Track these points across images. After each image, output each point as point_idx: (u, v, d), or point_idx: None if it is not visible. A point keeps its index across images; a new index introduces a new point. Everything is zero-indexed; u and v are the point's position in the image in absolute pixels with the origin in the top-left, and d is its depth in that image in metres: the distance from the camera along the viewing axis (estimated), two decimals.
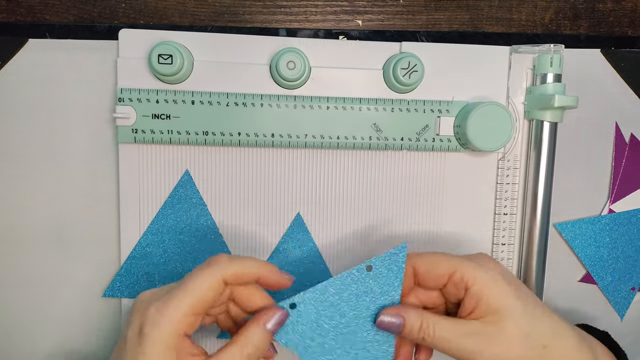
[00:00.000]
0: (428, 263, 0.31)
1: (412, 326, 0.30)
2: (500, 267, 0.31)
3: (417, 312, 0.30)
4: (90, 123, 0.37)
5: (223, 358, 0.27)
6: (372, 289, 0.30)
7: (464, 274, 0.30)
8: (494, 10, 0.40)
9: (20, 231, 0.38)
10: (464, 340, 0.29)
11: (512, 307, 0.29)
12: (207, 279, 0.27)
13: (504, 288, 0.30)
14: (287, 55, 0.35)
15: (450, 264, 0.30)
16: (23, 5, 0.37)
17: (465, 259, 0.31)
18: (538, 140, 0.38)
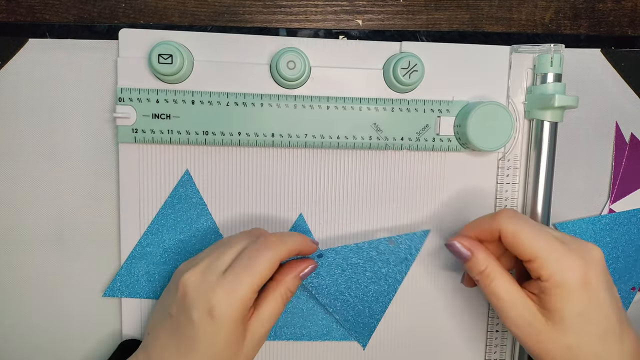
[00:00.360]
0: (514, 237, 0.30)
1: (475, 265, 0.31)
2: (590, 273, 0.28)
3: (486, 257, 0.31)
4: (90, 123, 0.37)
5: (266, 303, 0.31)
6: (387, 260, 0.37)
7: (542, 267, 0.29)
8: (494, 10, 0.40)
9: (20, 231, 0.38)
10: (512, 309, 0.30)
11: (569, 320, 0.28)
12: (269, 262, 0.30)
13: (574, 299, 0.28)
14: (287, 55, 0.35)
15: (534, 250, 0.29)
16: (23, 5, 0.37)
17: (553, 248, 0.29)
18: (538, 140, 0.38)
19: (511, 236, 0.30)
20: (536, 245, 0.29)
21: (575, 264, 0.28)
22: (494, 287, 0.30)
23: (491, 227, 0.31)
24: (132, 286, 0.38)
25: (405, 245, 0.36)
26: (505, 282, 0.30)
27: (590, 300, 0.28)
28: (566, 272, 0.28)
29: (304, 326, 0.39)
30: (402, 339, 0.40)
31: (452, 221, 0.40)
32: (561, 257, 0.29)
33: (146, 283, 0.38)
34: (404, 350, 0.40)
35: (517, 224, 0.30)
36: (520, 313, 0.29)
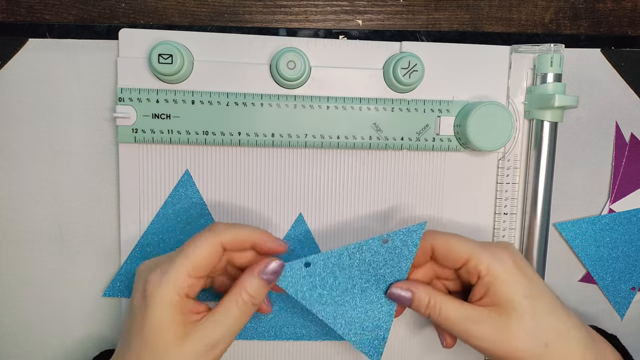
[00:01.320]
0: (445, 245, 0.32)
1: (420, 301, 0.31)
2: (518, 262, 0.31)
3: (426, 290, 0.32)
4: (90, 123, 0.37)
5: (221, 309, 0.29)
6: (384, 260, 0.32)
7: (478, 263, 0.31)
8: (494, 10, 0.40)
9: (20, 231, 0.38)
10: (467, 324, 0.30)
11: (519, 303, 0.30)
12: (205, 244, 0.29)
13: (515, 283, 0.30)
14: (287, 55, 0.35)
15: (467, 251, 0.31)
16: (23, 5, 0.37)
17: (483, 247, 0.31)
18: (538, 140, 0.38)
19: (444, 245, 0.32)
20: (468, 246, 0.31)
21: (504, 254, 0.31)
22: (445, 312, 0.31)
23: (423, 247, 0.32)
24: (131, 286, 0.38)
25: (401, 241, 0.32)
26: (451, 303, 0.31)
27: (529, 282, 0.31)
28: (499, 261, 0.31)
29: (303, 326, 0.39)
30: (402, 338, 0.40)
31: (452, 221, 0.40)
32: (491, 250, 0.31)
33: None
34: (404, 349, 0.40)
35: (445, 235, 0.32)
36: (479, 323, 0.30)
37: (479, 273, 0.31)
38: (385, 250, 0.32)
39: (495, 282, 0.30)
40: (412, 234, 0.32)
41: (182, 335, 0.28)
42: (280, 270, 0.30)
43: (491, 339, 0.30)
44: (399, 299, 0.32)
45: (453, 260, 0.32)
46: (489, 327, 0.30)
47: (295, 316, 0.39)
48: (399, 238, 0.32)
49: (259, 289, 0.30)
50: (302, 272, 0.31)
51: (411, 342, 0.40)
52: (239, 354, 0.39)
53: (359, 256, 0.32)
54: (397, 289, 0.32)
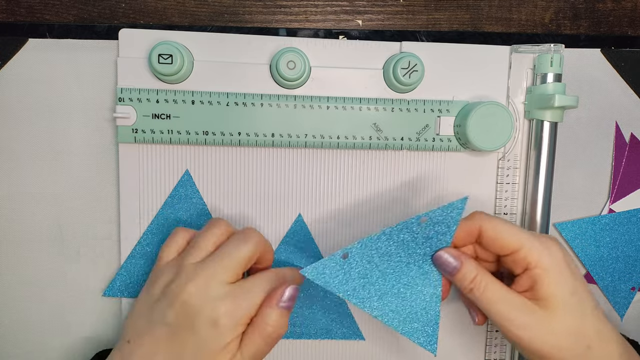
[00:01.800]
0: (495, 231, 0.30)
1: (466, 274, 0.30)
2: (566, 256, 0.30)
3: (476, 264, 0.31)
4: (90, 123, 0.37)
5: (247, 344, 0.29)
6: (423, 239, 0.31)
7: (528, 254, 0.30)
8: (493, 10, 0.40)
9: (20, 231, 0.38)
10: (511, 310, 0.29)
11: (566, 301, 0.29)
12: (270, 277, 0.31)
13: (564, 280, 0.29)
14: (287, 55, 0.35)
15: (518, 241, 0.30)
16: (23, 5, 0.37)
17: (534, 236, 0.30)
18: (538, 140, 0.38)
19: (492, 231, 0.30)
20: (518, 235, 0.30)
21: (555, 248, 0.30)
22: (489, 292, 0.30)
23: (470, 228, 0.31)
24: (131, 286, 0.38)
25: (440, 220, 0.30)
26: (497, 285, 0.30)
27: (575, 279, 0.30)
28: (551, 254, 0.30)
29: (303, 325, 0.39)
30: (403, 338, 0.40)
31: None
32: (542, 241, 0.30)
33: None
34: (404, 349, 0.40)
35: (495, 220, 0.31)
36: (522, 311, 0.29)
37: (527, 264, 0.30)
38: (424, 229, 0.31)
39: (544, 275, 0.29)
40: (452, 211, 0.30)
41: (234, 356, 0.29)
42: (296, 293, 0.31)
43: (531, 330, 0.29)
44: (445, 264, 0.31)
45: (500, 247, 0.30)
46: (531, 318, 0.29)
47: (295, 316, 0.39)
48: (438, 215, 0.30)
49: (281, 316, 0.30)
50: (341, 265, 0.30)
51: None
52: None
53: (396, 239, 0.31)
54: (446, 254, 0.31)
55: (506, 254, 0.30)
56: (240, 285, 0.30)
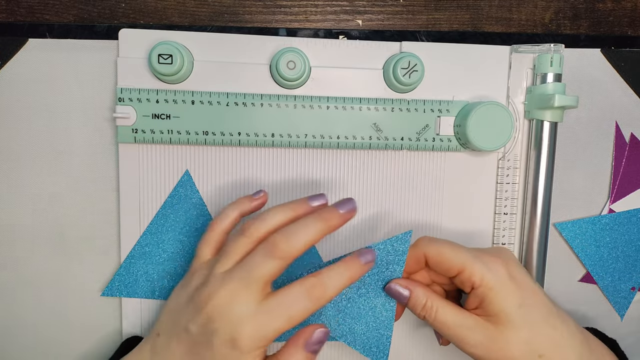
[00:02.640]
0: (438, 255, 0.32)
1: (417, 301, 0.32)
2: (510, 269, 0.31)
3: (425, 291, 0.32)
4: (90, 123, 0.37)
5: None
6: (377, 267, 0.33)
7: (471, 274, 0.31)
8: (494, 10, 0.40)
9: (20, 231, 0.38)
10: (463, 330, 0.31)
11: (513, 314, 0.30)
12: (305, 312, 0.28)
13: (508, 294, 0.30)
14: (287, 55, 0.35)
15: (460, 261, 0.31)
16: (23, 5, 0.37)
17: (476, 257, 0.31)
18: (538, 140, 0.38)
19: (436, 255, 0.32)
20: (461, 257, 0.31)
21: (498, 263, 0.31)
22: (440, 316, 0.31)
23: (416, 254, 0.33)
24: (130, 286, 0.38)
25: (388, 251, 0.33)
26: (448, 308, 0.31)
27: (523, 291, 0.31)
28: (493, 272, 0.31)
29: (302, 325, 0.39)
30: (402, 338, 0.40)
31: (452, 221, 0.40)
32: (484, 261, 0.31)
33: (145, 283, 0.38)
34: (404, 349, 0.40)
35: (438, 245, 0.32)
36: (473, 330, 0.30)
37: (472, 284, 0.31)
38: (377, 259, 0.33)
39: (489, 293, 0.30)
40: (400, 242, 0.33)
41: None
42: (326, 338, 0.29)
43: (485, 347, 0.30)
44: (396, 295, 0.32)
45: (446, 270, 0.32)
46: (483, 336, 0.30)
47: None
48: (386, 247, 0.33)
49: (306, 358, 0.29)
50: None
51: (413, 339, 0.40)
52: None
53: None
54: (396, 285, 0.32)
55: (453, 275, 0.32)
56: (265, 304, 0.28)
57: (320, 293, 0.28)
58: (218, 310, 0.28)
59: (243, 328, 0.27)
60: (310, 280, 0.28)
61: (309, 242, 0.29)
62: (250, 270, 0.28)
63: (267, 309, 0.28)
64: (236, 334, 0.27)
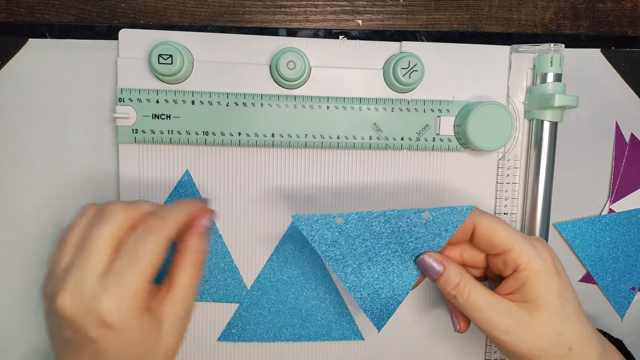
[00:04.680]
0: (488, 229, 0.30)
1: (449, 279, 0.30)
2: (555, 260, 0.31)
3: (459, 270, 0.31)
4: (90, 123, 0.37)
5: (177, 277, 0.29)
6: (419, 233, 0.31)
7: (519, 255, 0.30)
8: (493, 10, 0.40)
9: (21, 231, 0.38)
10: (494, 315, 0.29)
11: (552, 304, 0.29)
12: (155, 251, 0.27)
13: (552, 282, 0.30)
14: (287, 55, 0.35)
15: (510, 241, 0.30)
16: (23, 5, 0.37)
17: (525, 238, 0.30)
18: (538, 139, 0.38)
19: (486, 229, 0.30)
20: (511, 235, 0.30)
21: (546, 252, 0.30)
22: (473, 297, 0.30)
23: (464, 224, 0.31)
24: None
25: (441, 220, 0.30)
26: (481, 290, 0.30)
27: (562, 284, 0.30)
28: (541, 257, 0.30)
29: (302, 326, 0.39)
30: (402, 338, 0.40)
31: None
32: (533, 244, 0.30)
33: None
34: (404, 349, 0.40)
35: (489, 218, 0.31)
36: (506, 315, 0.30)
37: (517, 266, 0.30)
38: (424, 225, 0.31)
39: (533, 277, 0.29)
40: (456, 215, 0.30)
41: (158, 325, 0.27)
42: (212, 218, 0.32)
43: (516, 334, 0.29)
44: (428, 268, 0.31)
45: (493, 246, 0.30)
46: (515, 322, 0.29)
47: (294, 317, 0.39)
48: (442, 215, 0.30)
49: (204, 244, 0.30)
50: (333, 227, 0.30)
51: (417, 326, 0.40)
52: (239, 356, 0.39)
53: (394, 224, 0.31)
54: (430, 258, 0.31)
55: (497, 254, 0.31)
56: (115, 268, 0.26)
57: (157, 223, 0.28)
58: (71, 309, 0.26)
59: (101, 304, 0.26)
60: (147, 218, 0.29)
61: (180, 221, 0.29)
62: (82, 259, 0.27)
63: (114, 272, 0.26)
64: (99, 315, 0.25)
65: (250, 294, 0.39)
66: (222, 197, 0.38)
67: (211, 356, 0.39)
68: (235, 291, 0.39)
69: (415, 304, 0.40)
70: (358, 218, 0.30)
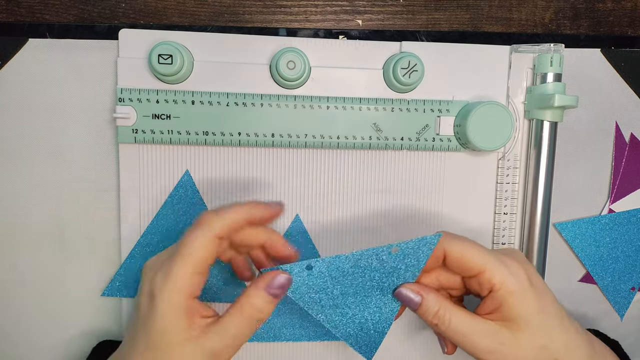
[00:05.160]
0: (459, 253, 0.30)
1: (429, 309, 0.30)
2: (529, 273, 0.30)
3: (437, 298, 0.30)
4: (90, 123, 0.37)
5: (226, 319, 0.28)
6: (391, 268, 0.31)
7: (493, 276, 0.29)
8: (494, 10, 0.40)
9: (20, 231, 0.38)
10: (477, 338, 0.30)
11: (532, 320, 0.29)
12: (203, 239, 0.29)
13: (529, 300, 0.29)
14: (287, 55, 0.35)
15: (482, 262, 0.30)
16: (23, 5, 0.37)
17: (497, 258, 0.30)
18: (538, 139, 0.38)
19: (457, 253, 0.30)
20: (483, 256, 0.30)
21: (519, 268, 0.30)
22: (454, 324, 0.30)
23: (435, 251, 0.31)
24: (130, 286, 0.38)
25: (412, 253, 0.30)
26: (462, 315, 0.30)
27: (541, 297, 0.30)
28: (514, 275, 0.30)
29: (302, 327, 0.39)
30: (402, 340, 0.40)
31: (452, 221, 0.40)
32: (506, 264, 0.30)
33: None
34: (404, 349, 0.40)
35: (460, 242, 0.31)
36: (488, 337, 0.29)
37: (492, 286, 0.30)
38: (394, 259, 0.31)
39: (509, 297, 0.29)
40: (426, 245, 0.30)
41: (186, 340, 0.28)
42: (288, 284, 0.29)
43: (500, 354, 0.29)
44: (406, 300, 0.31)
45: (466, 270, 0.30)
46: (498, 342, 0.29)
47: (294, 317, 0.39)
48: (411, 248, 0.30)
49: (266, 304, 0.29)
50: (303, 275, 0.30)
51: (411, 344, 0.40)
52: (239, 356, 0.39)
53: (364, 264, 0.31)
54: (407, 290, 0.31)
55: (471, 276, 0.31)
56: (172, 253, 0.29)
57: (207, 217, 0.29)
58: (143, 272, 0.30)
59: (155, 277, 0.28)
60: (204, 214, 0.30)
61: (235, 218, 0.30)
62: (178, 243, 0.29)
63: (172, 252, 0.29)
64: (151, 286, 0.28)
65: None
66: (222, 197, 0.38)
67: None
68: (235, 291, 0.39)
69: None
70: (327, 264, 0.30)
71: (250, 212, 0.30)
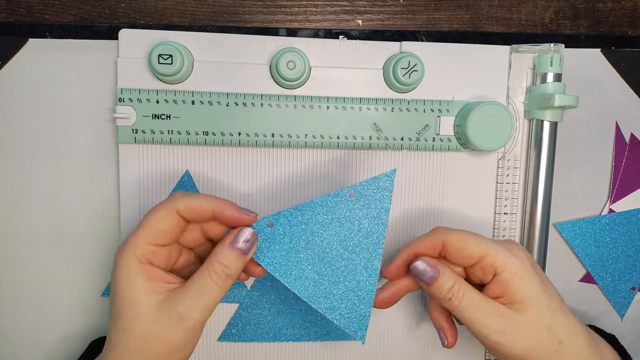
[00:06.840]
0: (459, 242, 0.31)
1: (444, 283, 0.30)
2: (530, 258, 0.31)
3: (452, 273, 0.31)
4: (90, 123, 0.37)
5: (194, 280, 0.28)
6: (357, 218, 0.29)
7: (495, 259, 0.30)
8: (493, 10, 0.40)
9: (20, 231, 0.38)
10: (488, 317, 0.30)
11: (538, 301, 0.30)
12: (161, 211, 0.29)
13: (533, 280, 0.30)
14: (287, 55, 0.35)
15: (482, 248, 0.30)
16: (23, 5, 0.37)
17: (496, 243, 0.31)
18: (538, 139, 0.38)
19: (457, 242, 0.31)
20: (483, 242, 0.31)
21: (521, 252, 0.31)
22: (467, 300, 0.30)
23: (433, 242, 0.31)
24: None
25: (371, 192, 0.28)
26: (475, 293, 0.30)
27: (542, 279, 0.31)
28: (517, 257, 0.30)
29: (302, 326, 0.39)
30: (402, 337, 0.40)
31: (452, 221, 0.40)
32: (506, 246, 0.31)
33: None
34: (404, 349, 0.40)
35: (458, 232, 0.31)
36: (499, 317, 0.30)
37: (495, 270, 0.30)
38: (358, 207, 0.28)
39: (514, 279, 0.30)
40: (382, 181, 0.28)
41: (152, 304, 0.28)
42: (253, 238, 0.29)
43: (510, 334, 0.29)
44: (422, 274, 0.30)
45: (467, 258, 0.31)
46: (508, 323, 0.30)
47: (294, 317, 0.39)
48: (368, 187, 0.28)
49: (233, 259, 0.28)
50: (266, 233, 0.28)
51: (410, 337, 0.40)
52: (239, 357, 0.39)
53: (328, 214, 0.28)
54: (424, 263, 0.31)
55: (473, 263, 0.31)
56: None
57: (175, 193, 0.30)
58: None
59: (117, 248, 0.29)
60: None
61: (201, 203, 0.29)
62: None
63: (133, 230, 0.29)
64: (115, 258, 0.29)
65: (250, 294, 0.39)
66: (222, 197, 0.38)
67: (211, 356, 0.39)
68: (235, 291, 0.39)
69: (414, 299, 0.40)
70: (287, 215, 0.28)
71: (220, 206, 0.29)
